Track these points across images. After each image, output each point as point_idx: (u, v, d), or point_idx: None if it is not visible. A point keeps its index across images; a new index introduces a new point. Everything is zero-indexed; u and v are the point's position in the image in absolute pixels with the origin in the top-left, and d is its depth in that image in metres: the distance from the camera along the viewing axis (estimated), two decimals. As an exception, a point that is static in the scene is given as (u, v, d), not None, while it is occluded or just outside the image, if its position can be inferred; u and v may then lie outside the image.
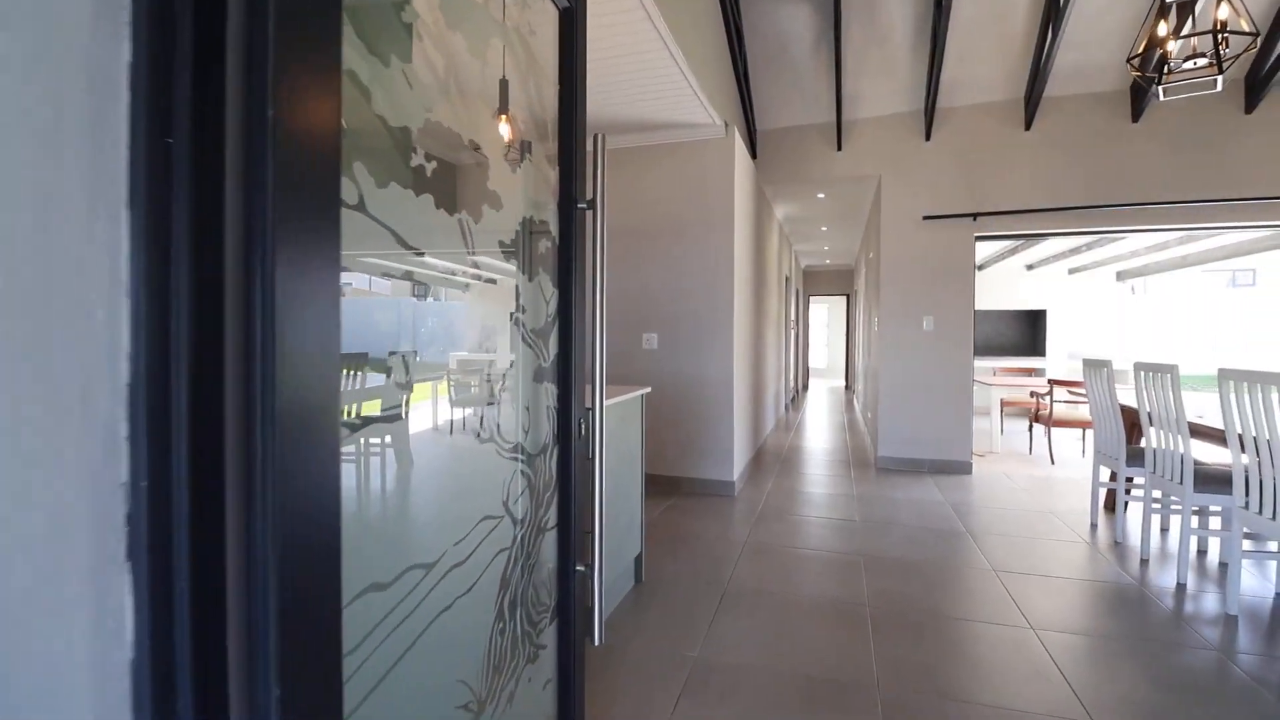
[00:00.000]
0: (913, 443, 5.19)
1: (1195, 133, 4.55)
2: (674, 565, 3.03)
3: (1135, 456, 3.45)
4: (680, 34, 3.19)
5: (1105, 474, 3.86)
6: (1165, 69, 2.49)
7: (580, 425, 1.43)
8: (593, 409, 1.33)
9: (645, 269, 4.47)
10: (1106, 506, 3.99)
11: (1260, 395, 2.36)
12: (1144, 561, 3.14)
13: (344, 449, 0.66)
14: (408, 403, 0.91)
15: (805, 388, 13.01)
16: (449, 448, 1.07)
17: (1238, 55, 2.35)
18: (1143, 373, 3.16)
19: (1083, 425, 5.83)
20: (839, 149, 5.33)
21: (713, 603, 2.62)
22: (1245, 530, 2.56)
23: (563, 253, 1.40)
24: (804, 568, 3.01)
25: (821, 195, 6.24)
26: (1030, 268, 9.13)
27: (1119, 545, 3.37)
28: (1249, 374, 2.41)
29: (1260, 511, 2.44)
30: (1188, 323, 15.05)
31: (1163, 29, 2.40)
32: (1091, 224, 4.80)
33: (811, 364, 15.68)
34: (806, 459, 5.65)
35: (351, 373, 0.77)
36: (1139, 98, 4.55)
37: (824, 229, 8.20)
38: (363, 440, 0.81)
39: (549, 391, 1.36)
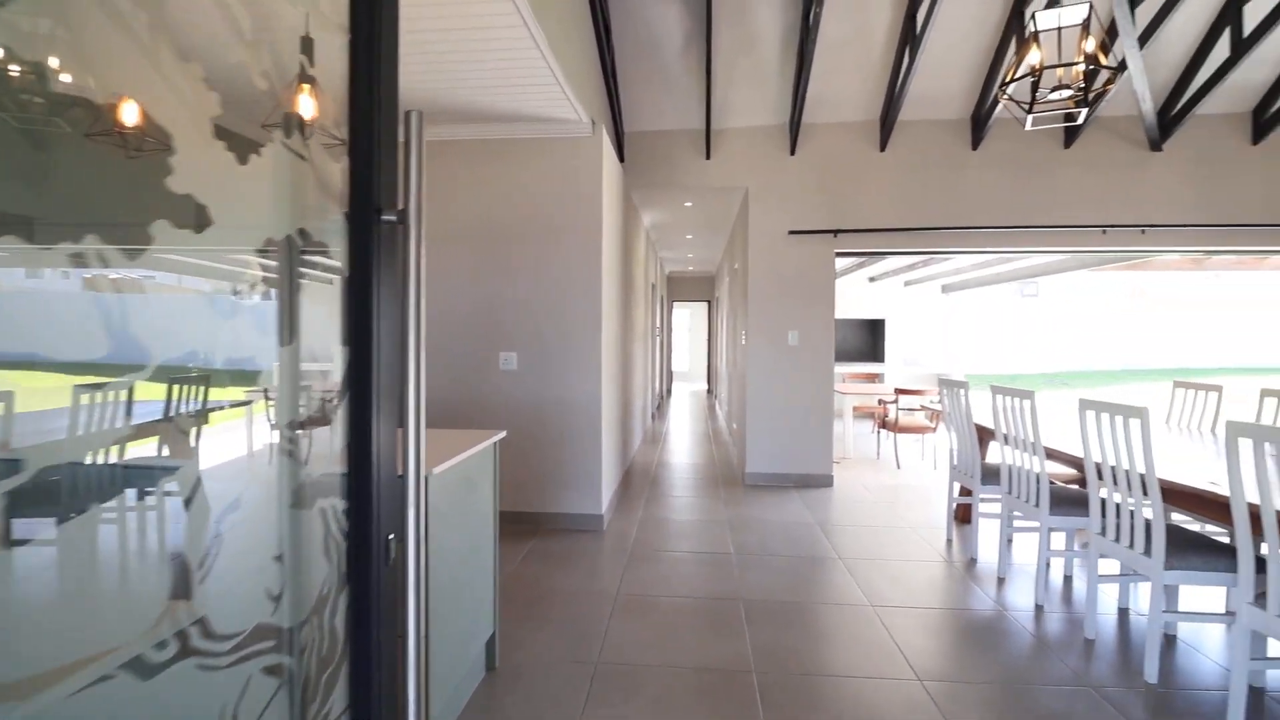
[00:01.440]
0: (779, 458, 5.16)
1: (1023, 164, 4.93)
2: (534, 638, 2.56)
3: (989, 474, 3.56)
4: (543, 15, 2.73)
5: (957, 487, 3.99)
6: (1034, 98, 2.50)
7: (388, 548, 0.94)
8: (407, 521, 0.86)
9: (503, 279, 3.94)
10: (959, 518, 4.14)
11: (1120, 425, 2.41)
12: (1001, 580, 3.21)
13: None
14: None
15: (669, 393, 13.05)
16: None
17: (1101, 89, 2.40)
18: (999, 396, 3.23)
19: (921, 431, 6.21)
20: (708, 157, 5.15)
21: (582, 688, 2.21)
22: (1100, 553, 2.64)
23: (355, 290, 0.91)
24: (683, 624, 2.69)
25: (689, 203, 6.07)
26: (873, 280, 9.78)
27: (975, 564, 3.44)
28: (1108, 405, 2.46)
29: (1118, 539, 2.51)
30: (994, 329, 17.26)
31: (1035, 57, 2.39)
32: (936, 244, 5.04)
33: (675, 367, 15.85)
34: (676, 478, 5.43)
35: None
36: (979, 127, 4.83)
37: (689, 236, 8.12)
38: None
39: (331, 512, 0.86)
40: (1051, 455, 3.02)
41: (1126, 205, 4.91)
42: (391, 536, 0.95)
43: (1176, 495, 2.35)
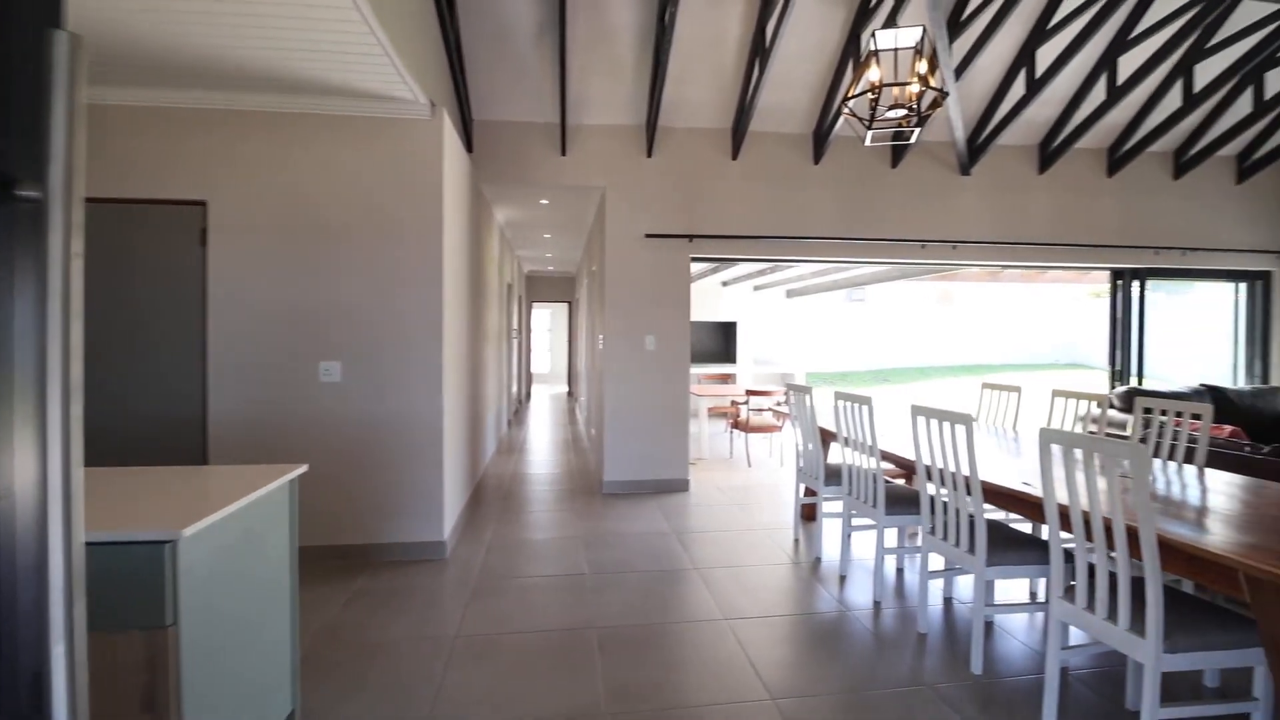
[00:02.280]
0: (637, 465, 5.06)
1: (857, 181, 5.26)
2: (347, 708, 2.17)
3: (832, 475, 3.70)
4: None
5: (803, 488, 4.13)
6: (873, 113, 2.58)
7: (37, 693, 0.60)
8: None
9: (326, 276, 3.41)
10: (805, 517, 4.29)
11: (949, 430, 2.53)
12: (843, 579, 3.33)
13: None
14: None
15: (528, 397, 12.64)
16: None
17: (930, 109, 2.52)
18: (840, 401, 3.35)
19: (770, 430, 6.47)
20: (563, 153, 4.92)
21: (406, 763, 1.88)
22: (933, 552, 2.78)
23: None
24: (529, 667, 2.43)
25: (545, 201, 5.79)
26: (725, 284, 10.14)
27: (820, 564, 3.55)
28: (938, 411, 2.58)
29: (945, 537, 2.65)
30: (831, 331, 18.80)
31: (875, 74, 2.45)
32: (782, 253, 5.23)
33: (534, 369, 15.43)
34: (531, 491, 5.14)
35: None
36: (820, 143, 5.07)
37: (547, 236, 7.83)
38: None
39: None
40: (887, 458, 3.16)
41: (942, 223, 5.43)
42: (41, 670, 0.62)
43: (996, 495, 2.52)
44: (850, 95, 2.62)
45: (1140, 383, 6.23)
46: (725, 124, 5.03)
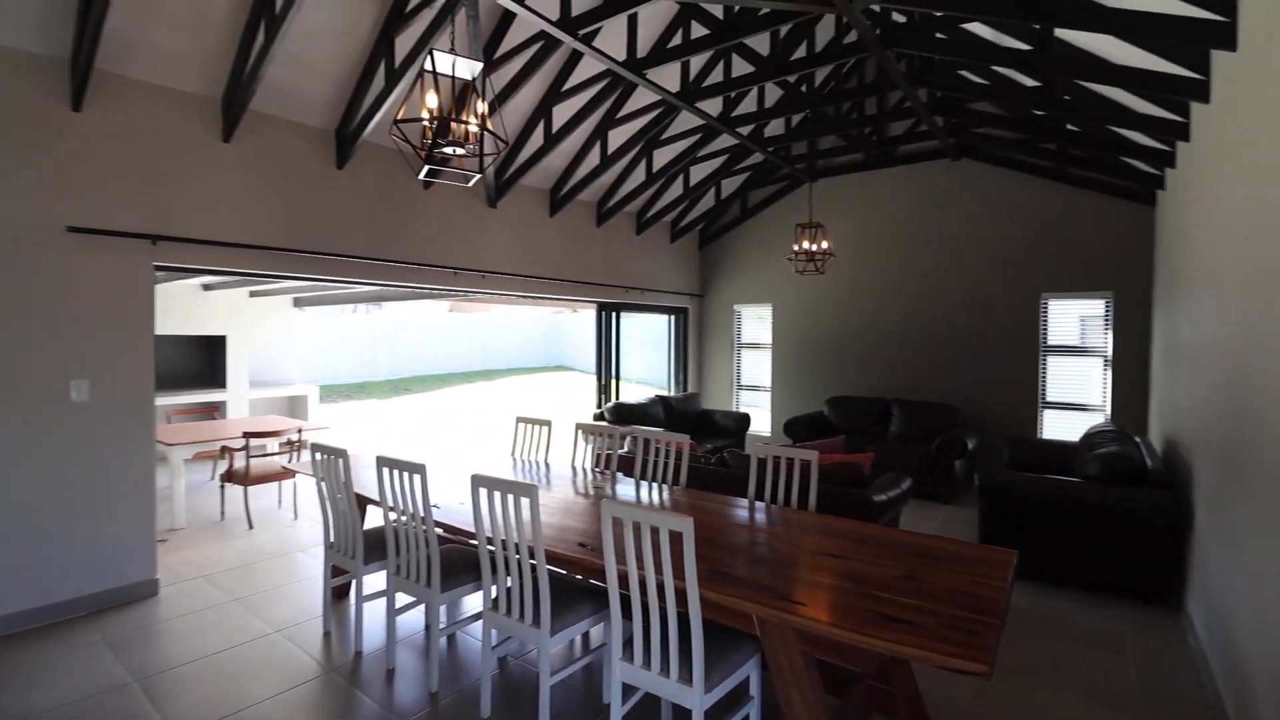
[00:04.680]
0: (54, 580, 3.30)
1: (387, 197, 4.75)
2: None
3: (373, 547, 3.13)
4: None
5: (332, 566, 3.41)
6: (432, 143, 2.18)
7: None
8: None
9: None
10: (336, 596, 3.57)
11: (511, 502, 2.37)
12: (391, 672, 2.84)
13: None
14: None
15: None
16: None
17: (493, 156, 2.29)
18: (386, 469, 2.83)
19: (279, 479, 5.34)
20: None
21: None
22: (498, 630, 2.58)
23: None
24: None
25: None
26: (209, 288, 7.98)
27: (361, 660, 2.96)
28: (500, 483, 2.39)
29: (509, 612, 2.48)
30: (345, 340, 17.31)
31: (433, 101, 2.06)
32: (297, 269, 4.29)
33: None
34: None
35: None
36: (345, 145, 4.35)
37: None
38: None
39: None
40: (447, 530, 2.83)
41: (472, 251, 5.44)
42: None
43: (560, 560, 2.49)
44: (401, 118, 2.17)
45: (618, 387, 7.69)
46: (212, 91, 3.77)
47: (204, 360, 8.28)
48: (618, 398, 7.61)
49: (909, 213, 6.88)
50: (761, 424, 8.20)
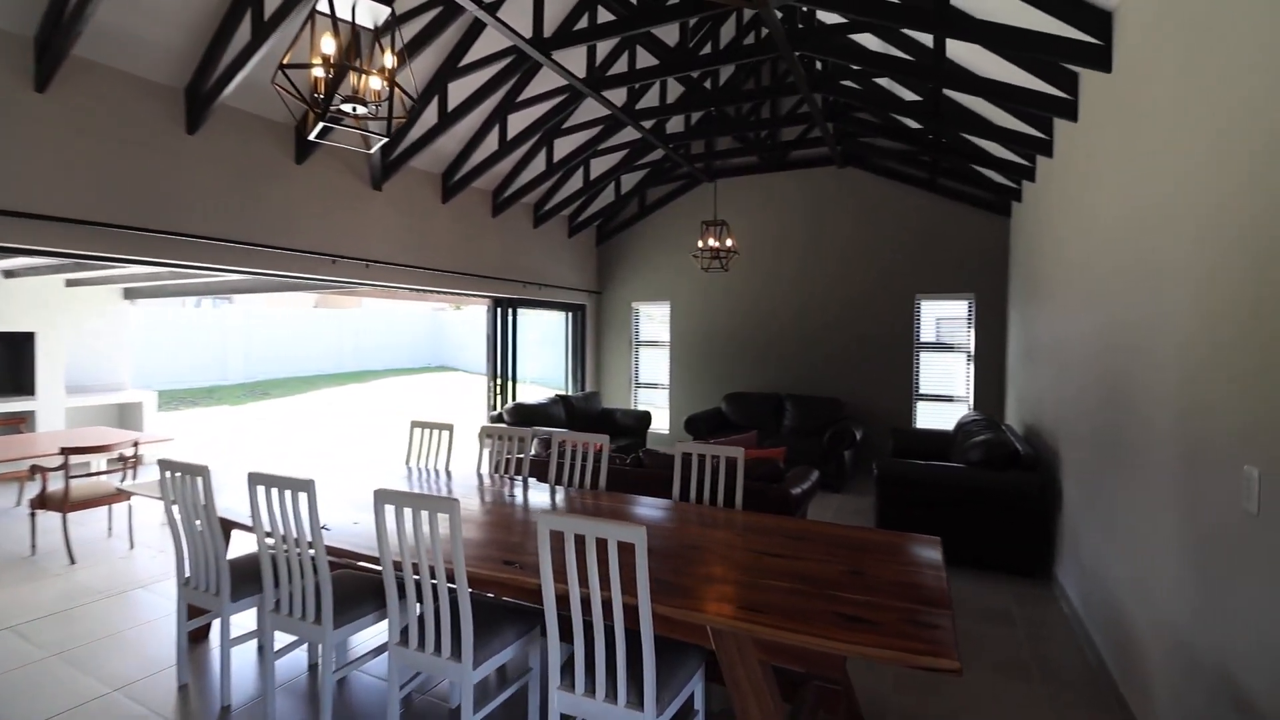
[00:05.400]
0: None
1: (251, 171, 4.12)
2: None
3: (242, 581, 2.65)
4: None
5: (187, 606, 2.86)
6: (327, 101, 1.82)
7: None
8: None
9: None
10: (192, 639, 3.01)
11: (422, 519, 2.07)
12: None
13: None
14: None
15: None
16: None
17: (402, 120, 1.96)
18: (262, 487, 2.39)
19: (109, 502, 4.48)
20: None
21: None
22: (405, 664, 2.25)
23: None
24: None
25: None
26: (11, 275, 6.59)
27: (230, 714, 2.49)
28: (414, 497, 2.08)
29: (421, 646, 2.17)
30: (186, 337, 15.23)
31: (329, 46, 1.71)
32: (139, 251, 3.60)
33: None
34: None
35: None
36: (198, 107, 3.71)
37: None
38: None
39: None
40: (340, 555, 2.43)
41: (354, 238, 4.89)
42: None
43: (483, 582, 2.22)
44: (287, 63, 1.79)
45: (514, 387, 7.32)
46: (24, 30, 3.02)
47: (6, 363, 6.83)
48: (514, 399, 7.25)
49: (802, 216, 7.16)
50: (661, 422, 8.19)
